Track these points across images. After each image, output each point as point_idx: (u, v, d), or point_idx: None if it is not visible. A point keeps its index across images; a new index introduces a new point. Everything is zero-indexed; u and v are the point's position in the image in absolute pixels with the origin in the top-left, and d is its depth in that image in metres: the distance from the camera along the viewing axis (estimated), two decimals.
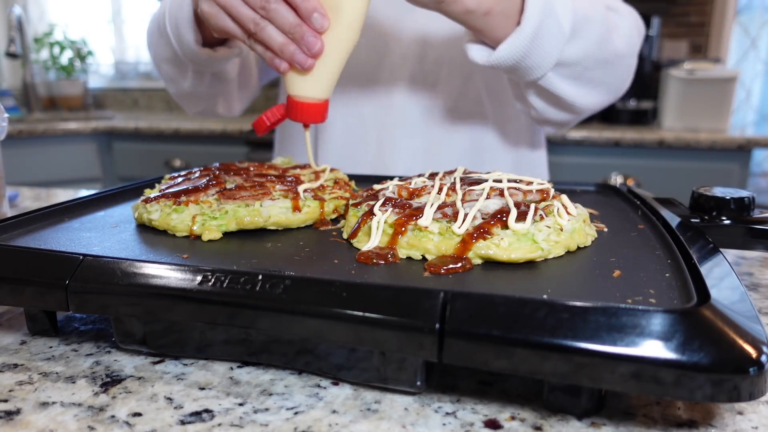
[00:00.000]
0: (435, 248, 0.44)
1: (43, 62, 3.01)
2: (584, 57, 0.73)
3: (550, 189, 0.52)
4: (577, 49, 0.71)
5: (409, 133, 0.93)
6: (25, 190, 1.05)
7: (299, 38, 0.60)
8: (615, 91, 0.82)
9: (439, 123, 0.93)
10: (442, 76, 0.92)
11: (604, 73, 0.77)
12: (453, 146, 0.94)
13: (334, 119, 0.95)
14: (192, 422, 0.34)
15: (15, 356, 0.43)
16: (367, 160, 0.95)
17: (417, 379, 0.36)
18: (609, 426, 0.34)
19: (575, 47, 0.71)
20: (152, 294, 0.39)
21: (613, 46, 0.75)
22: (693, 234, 0.47)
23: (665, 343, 0.30)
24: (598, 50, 0.73)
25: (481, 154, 0.95)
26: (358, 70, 0.93)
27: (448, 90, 0.92)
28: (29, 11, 3.18)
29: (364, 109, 0.94)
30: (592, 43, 0.72)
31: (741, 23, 2.36)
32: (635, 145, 1.88)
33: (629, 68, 0.81)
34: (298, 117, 0.64)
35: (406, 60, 0.91)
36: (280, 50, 0.61)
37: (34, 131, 2.29)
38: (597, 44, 0.73)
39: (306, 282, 0.37)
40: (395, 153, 0.93)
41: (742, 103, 2.41)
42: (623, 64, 0.79)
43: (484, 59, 0.70)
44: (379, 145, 0.94)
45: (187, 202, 0.53)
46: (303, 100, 0.63)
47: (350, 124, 0.95)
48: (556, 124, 0.86)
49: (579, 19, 0.69)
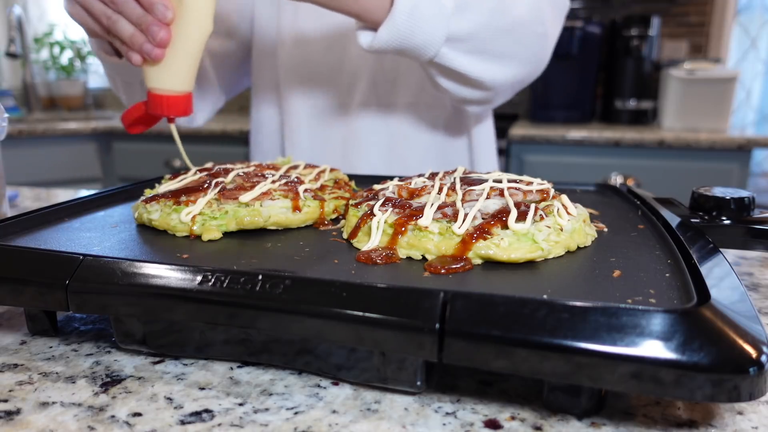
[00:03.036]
0: (435, 248, 0.44)
1: (43, 62, 3.01)
2: (477, 29, 0.71)
3: (550, 189, 0.52)
4: (468, 22, 0.70)
5: (373, 131, 0.95)
6: (25, 190, 1.05)
7: (146, 29, 0.61)
8: (527, 62, 0.80)
9: (402, 119, 0.96)
10: (401, 72, 0.94)
11: (506, 43, 0.75)
12: (417, 141, 0.96)
13: (299, 123, 0.98)
14: (192, 422, 0.34)
15: (15, 356, 0.43)
16: (334, 160, 0.98)
17: (417, 379, 0.36)
18: (609, 426, 0.34)
19: (465, 20, 0.70)
20: (152, 294, 0.39)
21: (512, 14, 0.73)
22: (693, 234, 0.47)
23: (665, 343, 0.30)
24: (492, 20, 0.72)
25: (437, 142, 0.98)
26: (319, 72, 0.96)
27: (407, 84, 0.95)
28: (29, 11, 3.18)
29: (326, 110, 0.97)
30: (484, 14, 0.71)
31: (741, 23, 2.36)
32: (635, 145, 1.88)
33: (539, 37, 0.78)
34: (158, 110, 0.65)
35: (365, 59, 0.94)
36: (130, 41, 0.62)
37: (34, 131, 2.29)
38: (490, 14, 0.71)
39: (306, 282, 0.37)
40: (360, 151, 0.96)
41: (742, 103, 2.41)
42: (528, 32, 0.76)
43: (368, 44, 0.70)
44: (344, 144, 0.97)
45: (187, 202, 0.53)
46: (161, 92, 0.64)
47: (314, 126, 0.99)
48: (474, 102, 0.85)
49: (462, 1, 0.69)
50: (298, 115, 0.98)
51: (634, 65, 2.16)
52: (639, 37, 2.12)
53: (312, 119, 0.98)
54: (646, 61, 2.16)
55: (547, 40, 0.81)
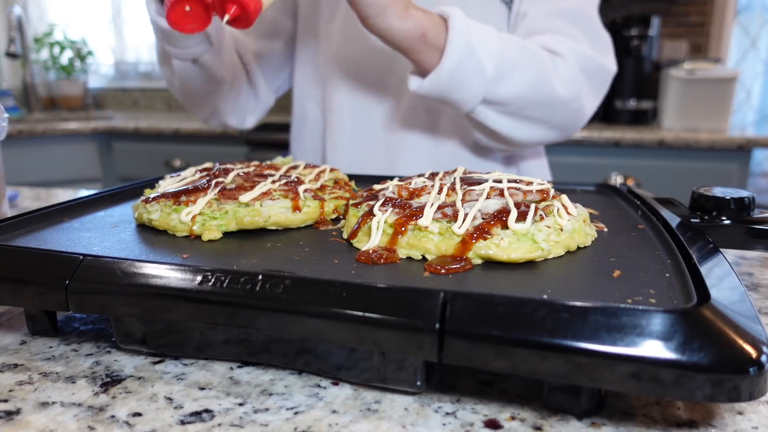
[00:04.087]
0: (435, 248, 0.44)
1: (43, 62, 3.01)
2: (515, 98, 0.77)
3: (550, 189, 0.52)
4: (505, 91, 0.76)
5: (416, 137, 0.94)
6: (25, 190, 1.05)
7: None
8: (559, 129, 0.85)
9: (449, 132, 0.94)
10: None
11: (543, 113, 0.81)
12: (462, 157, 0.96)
13: (342, 124, 0.96)
14: (192, 422, 0.34)
15: (15, 356, 0.43)
16: (377, 165, 0.95)
17: (417, 379, 0.36)
18: (609, 426, 0.34)
19: (502, 88, 0.76)
20: (152, 294, 0.39)
21: (551, 90, 0.79)
22: (693, 234, 0.47)
23: (665, 343, 0.30)
24: (529, 92, 0.78)
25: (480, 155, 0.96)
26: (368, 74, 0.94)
27: None
28: (29, 11, 3.18)
29: (373, 113, 0.95)
30: (523, 86, 0.77)
31: (741, 23, 2.36)
32: (635, 145, 1.88)
33: (576, 111, 0.84)
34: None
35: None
36: None
37: (34, 131, 2.29)
38: (528, 87, 0.77)
39: (306, 282, 0.37)
40: (405, 160, 0.94)
41: (742, 103, 2.41)
42: (566, 107, 0.82)
43: (414, 88, 0.76)
44: (387, 149, 0.95)
45: (187, 202, 0.53)
46: None
47: (359, 130, 0.96)
48: (501, 150, 0.90)
49: (505, 63, 0.75)
50: (341, 115, 0.96)
51: (634, 65, 2.16)
52: (639, 37, 2.12)
53: (356, 122, 0.96)
54: (646, 61, 2.16)
55: (581, 113, 0.85)
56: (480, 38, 0.73)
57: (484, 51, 0.73)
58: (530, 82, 0.77)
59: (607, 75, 0.86)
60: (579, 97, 0.82)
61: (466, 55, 0.72)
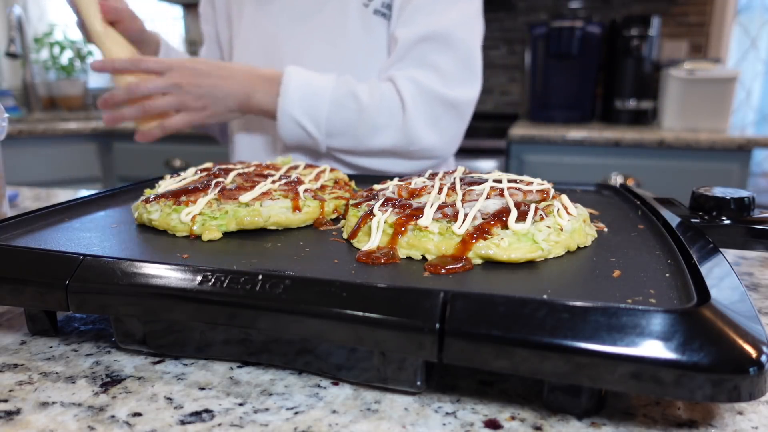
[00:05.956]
0: (435, 248, 0.44)
1: (43, 62, 3.01)
2: (348, 148, 0.94)
3: (550, 189, 0.52)
4: (338, 144, 0.93)
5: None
6: (25, 190, 1.05)
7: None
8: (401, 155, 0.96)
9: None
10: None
11: (378, 150, 0.94)
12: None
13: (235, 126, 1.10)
14: (192, 422, 0.34)
15: (15, 356, 0.43)
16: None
17: (417, 379, 0.36)
18: (609, 426, 0.34)
19: (335, 143, 0.93)
20: (152, 294, 0.39)
21: (376, 141, 0.92)
22: (693, 234, 0.47)
23: (665, 343, 0.30)
24: (359, 145, 0.93)
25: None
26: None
27: None
28: (29, 11, 3.18)
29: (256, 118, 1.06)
30: (350, 143, 0.93)
31: (741, 23, 2.36)
32: (635, 145, 1.88)
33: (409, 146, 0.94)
34: None
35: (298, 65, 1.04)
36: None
37: (34, 131, 2.29)
38: (356, 142, 0.92)
39: (306, 282, 0.37)
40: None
41: (742, 103, 2.41)
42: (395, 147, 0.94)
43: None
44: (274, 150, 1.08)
45: (187, 202, 0.53)
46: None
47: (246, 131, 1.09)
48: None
49: (332, 131, 0.91)
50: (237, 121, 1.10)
51: (634, 65, 2.16)
52: (639, 37, 2.12)
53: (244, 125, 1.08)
54: (646, 61, 2.16)
55: (417, 144, 0.94)
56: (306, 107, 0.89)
57: (309, 123, 0.90)
58: (355, 139, 0.92)
59: (454, 107, 0.94)
60: (412, 141, 0.92)
61: (295, 125, 0.90)
